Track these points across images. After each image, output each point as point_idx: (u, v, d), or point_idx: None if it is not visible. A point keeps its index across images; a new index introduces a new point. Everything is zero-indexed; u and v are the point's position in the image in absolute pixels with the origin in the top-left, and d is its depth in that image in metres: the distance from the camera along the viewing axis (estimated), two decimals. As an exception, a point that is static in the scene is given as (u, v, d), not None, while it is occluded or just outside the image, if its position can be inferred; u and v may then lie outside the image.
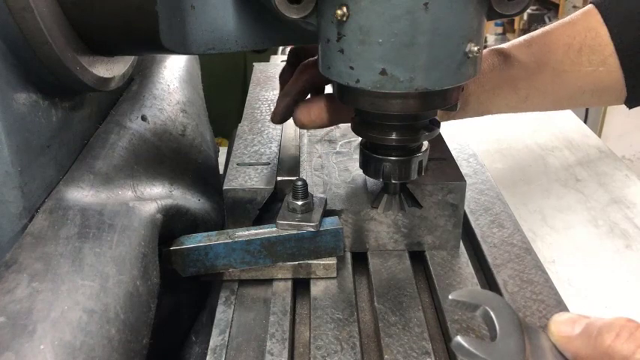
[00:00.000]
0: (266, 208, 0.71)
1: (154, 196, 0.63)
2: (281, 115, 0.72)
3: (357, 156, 0.68)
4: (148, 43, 0.55)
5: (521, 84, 0.80)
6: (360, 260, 0.71)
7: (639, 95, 0.80)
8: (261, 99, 0.99)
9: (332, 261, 0.66)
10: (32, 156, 0.51)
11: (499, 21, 4.46)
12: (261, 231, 0.65)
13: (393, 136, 0.61)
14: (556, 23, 0.81)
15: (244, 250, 0.65)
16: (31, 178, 0.51)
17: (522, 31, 4.45)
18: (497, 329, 0.41)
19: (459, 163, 0.74)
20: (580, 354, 0.42)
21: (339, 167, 0.76)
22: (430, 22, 0.48)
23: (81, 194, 0.55)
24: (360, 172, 0.69)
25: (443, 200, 0.68)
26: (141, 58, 0.78)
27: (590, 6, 0.79)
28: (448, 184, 0.68)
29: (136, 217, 0.55)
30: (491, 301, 0.43)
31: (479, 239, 0.72)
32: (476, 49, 0.50)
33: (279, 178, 0.72)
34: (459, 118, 0.82)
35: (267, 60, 1.38)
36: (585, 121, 2.22)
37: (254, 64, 1.17)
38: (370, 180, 0.71)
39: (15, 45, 0.49)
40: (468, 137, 0.93)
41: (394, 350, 0.56)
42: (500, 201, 0.80)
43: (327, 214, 0.67)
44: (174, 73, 0.85)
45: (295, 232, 0.64)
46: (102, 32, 0.55)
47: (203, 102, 0.95)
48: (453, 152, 0.76)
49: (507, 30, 5.04)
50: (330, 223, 0.65)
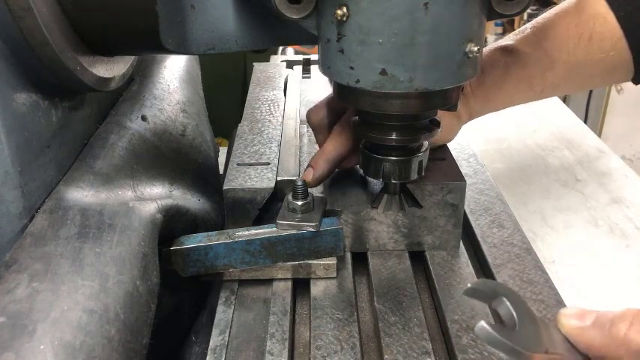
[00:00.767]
0: (266, 208, 0.71)
1: (154, 196, 0.63)
2: (320, 180, 0.70)
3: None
4: (148, 43, 0.55)
5: (536, 81, 0.80)
6: (360, 260, 0.71)
7: None
8: (261, 99, 0.99)
9: (332, 261, 0.66)
10: (32, 156, 0.51)
11: (499, 21, 4.45)
12: (261, 231, 0.65)
13: (393, 136, 0.61)
14: (561, 10, 0.80)
15: (244, 250, 0.65)
16: (31, 178, 0.51)
17: (522, 31, 4.43)
18: (516, 318, 0.42)
19: (459, 163, 0.74)
20: (594, 344, 0.42)
21: (339, 167, 0.76)
22: (430, 22, 0.48)
23: (81, 194, 0.55)
24: (360, 172, 0.69)
25: (443, 200, 0.68)
26: (141, 58, 0.78)
27: None
28: (448, 184, 0.68)
29: (136, 217, 0.55)
30: (506, 293, 0.43)
31: (479, 239, 0.72)
32: (476, 49, 0.50)
33: (279, 178, 0.72)
34: (478, 117, 0.82)
35: (267, 60, 1.38)
36: (585, 121, 2.22)
37: (254, 64, 1.17)
38: (370, 180, 0.71)
39: (15, 45, 0.49)
40: (468, 137, 0.93)
41: (394, 350, 0.56)
42: (500, 201, 0.80)
43: (327, 214, 0.67)
44: (174, 73, 0.85)
45: (295, 232, 0.64)
46: (102, 32, 0.55)
47: (203, 102, 0.95)
48: (453, 152, 0.76)
49: (507, 30, 5.03)
50: (330, 223, 0.65)
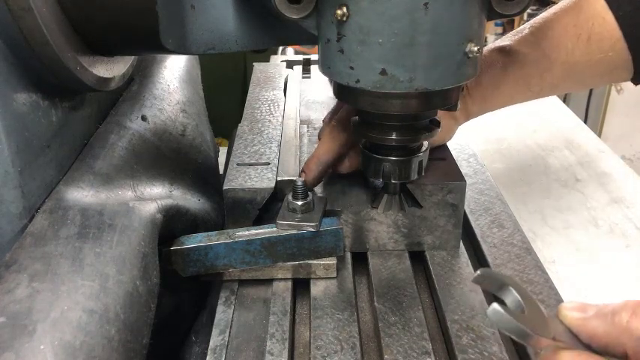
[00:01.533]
0: (266, 208, 0.71)
1: (154, 196, 0.63)
2: (316, 182, 0.70)
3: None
4: (148, 43, 0.55)
5: (534, 81, 0.80)
6: (360, 260, 0.71)
7: None
8: (261, 99, 0.98)
9: (332, 261, 0.66)
10: (32, 156, 0.51)
11: (499, 21, 4.45)
12: (261, 231, 0.65)
13: (393, 136, 0.61)
14: (559, 9, 0.80)
15: (244, 250, 0.65)
16: (31, 178, 0.51)
17: (522, 31, 4.43)
18: (524, 306, 0.42)
19: (459, 163, 0.74)
20: (597, 333, 0.42)
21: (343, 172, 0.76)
22: (430, 22, 0.48)
23: (81, 194, 0.55)
24: (360, 172, 0.69)
25: (443, 200, 0.68)
26: (141, 58, 0.78)
27: None
28: (448, 184, 0.68)
29: (136, 217, 0.55)
30: (512, 283, 0.43)
31: (479, 239, 0.72)
32: (476, 49, 0.50)
33: (279, 178, 0.72)
34: (475, 117, 0.82)
35: (267, 60, 1.38)
36: (585, 121, 2.22)
37: (254, 64, 1.17)
38: (370, 180, 0.71)
39: (15, 45, 0.49)
40: (468, 137, 0.93)
41: (394, 350, 0.56)
42: (500, 201, 0.80)
43: (327, 214, 0.67)
44: (174, 73, 0.85)
45: (295, 232, 0.64)
46: (102, 32, 0.55)
47: (203, 102, 0.95)
48: (453, 152, 0.76)
49: (507, 30, 5.03)
50: (330, 223, 0.65)
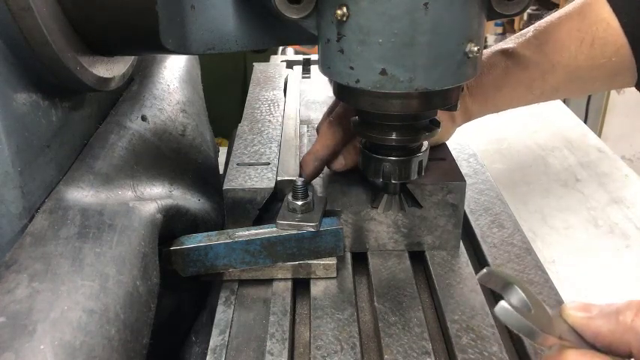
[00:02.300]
0: (266, 208, 0.71)
1: (154, 196, 0.63)
2: (312, 177, 0.71)
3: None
4: (148, 43, 0.55)
5: (537, 84, 0.80)
6: (360, 260, 0.71)
7: None
8: (261, 99, 0.99)
9: (332, 261, 0.66)
10: (32, 156, 0.51)
11: (499, 21, 4.45)
12: (261, 231, 0.65)
13: (393, 136, 0.61)
14: (564, 13, 0.79)
15: (244, 250, 0.65)
16: (31, 178, 0.51)
17: (522, 31, 4.43)
18: (530, 305, 0.42)
19: (459, 163, 0.74)
20: (602, 332, 0.42)
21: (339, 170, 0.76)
22: (430, 22, 0.48)
23: (81, 194, 0.55)
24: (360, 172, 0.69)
25: (443, 200, 0.68)
26: (141, 58, 0.78)
27: None
28: (448, 184, 0.68)
29: (136, 217, 0.55)
30: (517, 282, 0.43)
31: (479, 239, 0.72)
32: (476, 49, 0.50)
33: (279, 178, 0.72)
34: (476, 118, 0.82)
35: (267, 60, 1.38)
36: (585, 121, 2.22)
37: (254, 64, 1.17)
38: (370, 180, 0.71)
39: (15, 45, 0.49)
40: (468, 137, 0.93)
41: (394, 350, 0.56)
42: (500, 201, 0.80)
43: (327, 214, 0.67)
44: (174, 73, 0.85)
45: (295, 232, 0.64)
46: (102, 32, 0.55)
47: (203, 102, 0.95)
48: (453, 152, 0.76)
49: (507, 30, 5.03)
50: (330, 223, 0.65)
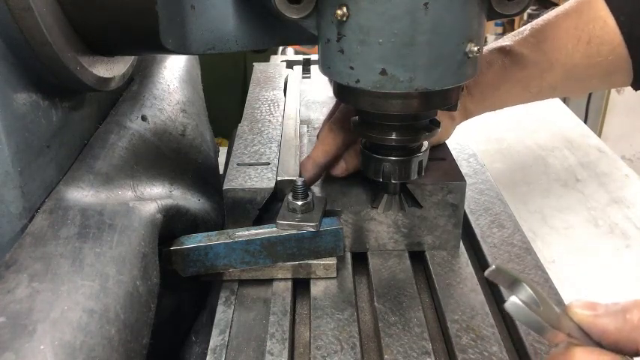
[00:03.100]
0: (266, 208, 0.71)
1: (154, 196, 0.63)
2: (312, 182, 0.71)
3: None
4: (148, 43, 0.55)
5: (534, 82, 0.80)
6: (360, 260, 0.71)
7: None
8: (261, 99, 0.98)
9: (332, 261, 0.66)
10: (32, 156, 0.51)
11: (499, 21, 4.45)
12: (261, 231, 0.65)
13: (393, 136, 0.61)
14: (561, 12, 0.80)
15: (244, 250, 0.65)
16: (31, 178, 0.51)
17: (522, 31, 4.43)
18: (538, 302, 0.42)
19: (459, 163, 0.74)
20: (608, 330, 0.42)
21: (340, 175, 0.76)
22: (430, 22, 0.48)
23: (81, 194, 0.55)
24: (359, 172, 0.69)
25: (443, 200, 0.68)
26: (141, 58, 0.78)
27: None
28: (448, 184, 0.68)
29: (136, 217, 0.55)
30: (524, 279, 0.44)
31: (479, 239, 0.72)
32: (476, 49, 0.50)
33: (279, 178, 0.72)
34: (474, 116, 0.82)
35: (267, 60, 1.38)
36: (585, 121, 2.22)
37: (254, 64, 1.17)
38: (370, 180, 0.71)
39: (15, 45, 0.49)
40: (468, 137, 0.93)
41: (394, 350, 0.56)
42: (500, 201, 0.80)
43: (327, 214, 0.67)
44: (174, 73, 0.85)
45: (295, 232, 0.64)
46: (102, 32, 0.55)
47: (203, 102, 0.95)
48: (453, 152, 0.76)
49: (507, 30, 5.03)
50: (330, 223, 0.65)
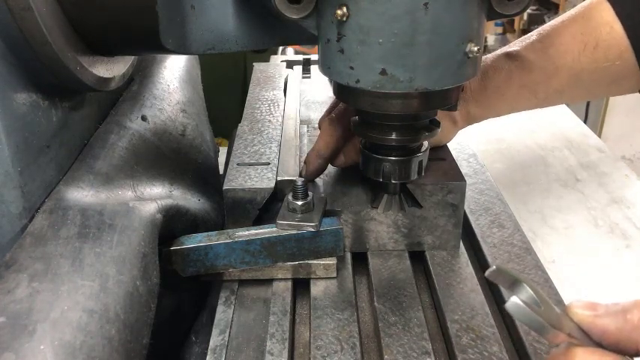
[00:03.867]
0: (266, 208, 0.71)
1: (154, 196, 0.63)
2: (316, 174, 0.71)
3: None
4: (148, 43, 0.55)
5: (540, 87, 0.80)
6: (360, 260, 0.71)
7: None
8: (261, 99, 0.99)
9: (332, 261, 0.66)
10: (32, 156, 0.51)
11: (499, 21, 4.46)
12: (261, 231, 0.65)
13: (393, 136, 0.61)
14: (567, 17, 0.80)
15: (244, 250, 0.65)
16: (31, 178, 0.51)
17: (522, 32, 4.44)
18: (539, 302, 0.42)
19: (459, 163, 0.74)
20: (608, 330, 0.42)
21: (339, 167, 0.76)
22: (430, 22, 0.48)
23: (81, 194, 0.55)
24: (360, 172, 0.69)
25: (443, 200, 0.68)
26: (141, 58, 0.78)
27: None
28: (448, 184, 0.68)
29: (136, 217, 0.55)
30: (525, 280, 0.44)
31: (479, 239, 0.72)
32: (476, 49, 0.50)
33: (279, 178, 0.72)
34: (478, 122, 0.82)
35: (267, 60, 1.38)
36: (585, 121, 2.22)
37: (254, 64, 1.17)
38: (370, 180, 0.71)
39: (15, 45, 0.49)
40: (468, 137, 0.93)
41: (394, 350, 0.56)
42: (500, 201, 0.80)
43: (327, 214, 0.67)
44: (174, 73, 0.85)
45: (295, 232, 0.64)
46: (102, 32, 0.55)
47: (203, 102, 0.95)
48: (453, 152, 0.76)
49: (507, 30, 5.03)
50: (330, 223, 0.65)
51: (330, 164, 0.71)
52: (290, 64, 1.24)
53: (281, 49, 1.57)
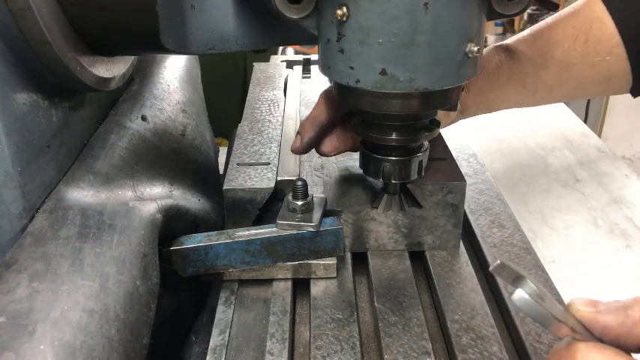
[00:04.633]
0: (266, 208, 0.71)
1: (154, 196, 0.63)
2: (311, 144, 0.68)
3: (357, 156, 0.68)
4: (148, 43, 0.55)
5: (530, 79, 0.80)
6: (360, 260, 0.71)
7: None
8: (261, 99, 0.99)
9: (332, 261, 0.66)
10: (32, 156, 0.51)
11: (499, 21, 4.45)
12: (261, 231, 0.65)
13: (393, 136, 0.61)
14: (559, 14, 0.80)
15: (244, 250, 0.65)
16: (31, 178, 0.51)
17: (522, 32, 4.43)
18: (542, 297, 0.42)
19: (459, 163, 0.74)
20: (610, 325, 0.42)
21: (339, 167, 0.76)
22: (430, 22, 0.48)
23: (81, 194, 0.55)
24: (360, 172, 0.69)
25: (443, 200, 0.68)
26: (141, 58, 0.78)
27: None
28: (448, 184, 0.68)
29: (136, 217, 0.55)
30: (527, 276, 0.44)
31: (479, 239, 0.72)
32: (476, 49, 0.50)
33: (279, 178, 0.72)
34: (470, 117, 0.82)
35: (267, 60, 1.38)
36: (585, 121, 2.22)
37: (254, 64, 1.17)
38: (370, 180, 0.71)
39: (15, 45, 0.49)
40: (468, 137, 0.93)
41: (394, 350, 0.56)
42: (500, 201, 0.80)
43: (327, 214, 0.67)
44: (174, 73, 0.85)
45: (295, 232, 0.64)
46: (102, 32, 0.55)
47: (203, 102, 0.95)
48: (453, 152, 0.76)
49: (507, 30, 5.03)
50: (330, 223, 0.65)
51: (322, 153, 0.68)
52: (290, 64, 1.24)
53: (281, 49, 1.57)
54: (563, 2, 4.18)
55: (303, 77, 1.19)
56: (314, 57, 1.27)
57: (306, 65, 1.24)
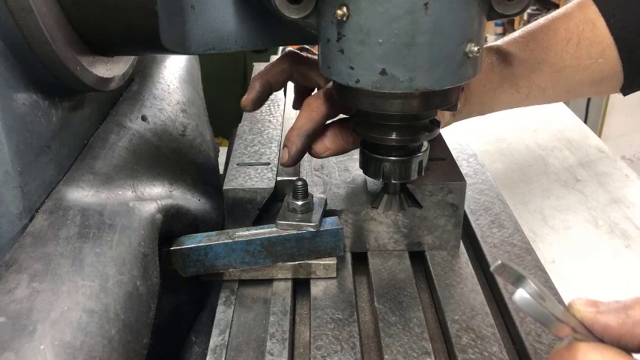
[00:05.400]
0: (266, 208, 0.71)
1: (154, 196, 0.63)
2: (298, 157, 0.66)
3: (357, 156, 0.68)
4: (148, 43, 0.55)
5: (522, 82, 0.80)
6: (360, 260, 0.71)
7: (635, 83, 0.80)
8: (261, 99, 0.98)
9: (332, 261, 0.66)
10: (32, 156, 0.51)
11: (499, 21, 4.45)
12: (261, 231, 0.65)
13: (393, 136, 0.61)
14: (551, 16, 0.80)
15: (244, 250, 0.65)
16: (31, 178, 0.51)
17: (522, 31, 4.43)
18: (543, 297, 0.42)
19: (459, 163, 0.74)
20: (611, 326, 0.42)
21: (339, 167, 0.76)
22: (430, 22, 0.48)
23: (81, 194, 0.54)
24: (360, 172, 0.69)
25: (443, 200, 0.68)
26: (141, 58, 0.78)
27: None
28: (448, 184, 0.68)
29: (136, 217, 0.55)
30: (528, 276, 0.44)
31: (479, 239, 0.72)
32: (476, 49, 0.50)
33: (279, 178, 0.72)
34: (463, 119, 0.82)
35: (267, 60, 1.37)
36: (585, 121, 2.22)
37: (254, 64, 1.17)
38: (370, 180, 0.71)
39: (15, 45, 0.49)
40: (468, 137, 0.93)
41: (394, 350, 0.56)
42: (500, 201, 0.80)
43: (327, 214, 0.67)
44: (174, 73, 0.85)
45: (295, 232, 0.64)
46: (102, 32, 0.55)
47: (203, 102, 0.95)
48: (453, 152, 0.76)
49: (507, 30, 5.03)
50: (330, 223, 0.65)
51: (314, 155, 0.67)
52: (290, 64, 1.23)
53: (281, 49, 1.57)
54: (562, 2, 4.18)
55: (303, 77, 1.19)
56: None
57: (306, 65, 1.23)
